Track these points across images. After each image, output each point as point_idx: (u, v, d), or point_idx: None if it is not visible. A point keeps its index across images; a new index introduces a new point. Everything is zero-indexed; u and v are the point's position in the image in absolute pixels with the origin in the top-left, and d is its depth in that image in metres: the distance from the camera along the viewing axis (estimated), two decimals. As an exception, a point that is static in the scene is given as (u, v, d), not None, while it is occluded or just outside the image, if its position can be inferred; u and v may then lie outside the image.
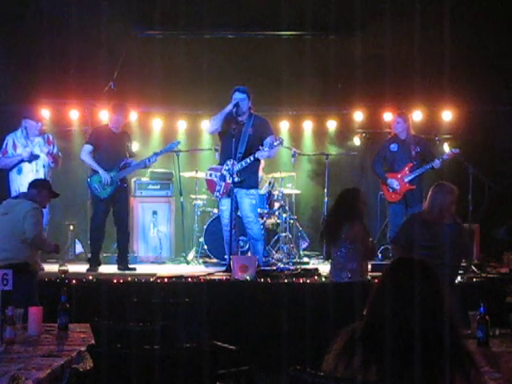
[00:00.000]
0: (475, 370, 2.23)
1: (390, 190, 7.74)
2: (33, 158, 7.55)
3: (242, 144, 7.05)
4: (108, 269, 7.45)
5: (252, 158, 7.02)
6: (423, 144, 7.87)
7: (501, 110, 9.34)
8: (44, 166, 7.64)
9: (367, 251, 5.85)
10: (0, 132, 8.10)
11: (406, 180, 7.69)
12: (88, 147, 7.49)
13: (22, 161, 7.53)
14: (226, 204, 7.23)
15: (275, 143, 7.00)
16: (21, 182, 7.46)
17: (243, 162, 7.02)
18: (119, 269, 7.42)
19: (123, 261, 7.50)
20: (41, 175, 7.53)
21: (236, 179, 7.01)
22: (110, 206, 7.47)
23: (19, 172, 7.53)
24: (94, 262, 7.40)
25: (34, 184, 5.91)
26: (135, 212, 8.77)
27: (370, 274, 6.09)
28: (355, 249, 5.70)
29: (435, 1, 8.57)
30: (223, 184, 7.21)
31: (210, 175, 7.35)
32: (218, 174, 7.23)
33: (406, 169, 7.73)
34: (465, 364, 2.21)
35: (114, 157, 7.44)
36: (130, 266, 7.49)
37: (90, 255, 7.62)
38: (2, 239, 5.55)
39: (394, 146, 7.82)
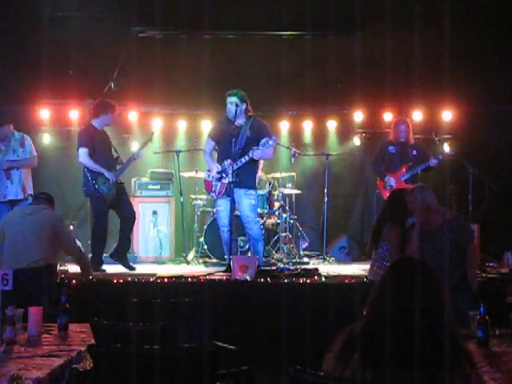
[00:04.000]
0: (474, 371, 2.23)
1: (387, 187, 7.85)
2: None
3: (239, 146, 7.07)
4: (108, 269, 7.43)
5: (247, 158, 7.04)
6: (419, 148, 8.06)
7: (501, 110, 9.34)
8: (18, 168, 7.60)
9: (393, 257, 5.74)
10: None
11: (403, 179, 7.80)
12: (85, 150, 7.33)
13: None
14: (222, 204, 7.25)
15: (269, 142, 7.01)
16: (6, 185, 7.52)
17: (238, 162, 7.04)
18: (116, 260, 7.44)
19: (125, 255, 7.48)
20: (18, 176, 7.57)
21: (231, 179, 7.03)
22: (110, 207, 7.45)
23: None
24: (100, 263, 7.38)
25: (50, 199, 5.98)
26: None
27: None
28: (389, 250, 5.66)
29: (435, 1, 8.57)
30: (219, 184, 7.23)
31: (208, 176, 7.37)
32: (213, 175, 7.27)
33: (403, 169, 7.86)
34: (464, 365, 2.21)
35: (109, 156, 7.44)
36: (132, 266, 7.49)
37: (91, 256, 7.56)
38: (28, 240, 5.55)
39: (392, 148, 8.02)
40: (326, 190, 8.68)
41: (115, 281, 6.42)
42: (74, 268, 7.14)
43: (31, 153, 7.75)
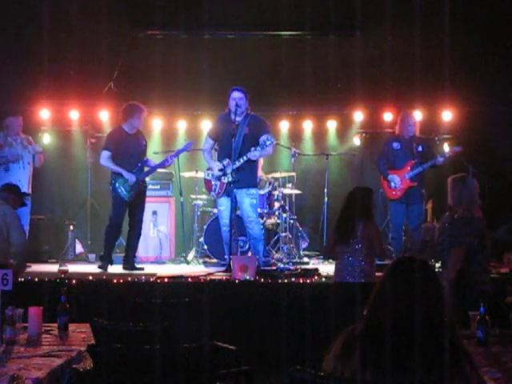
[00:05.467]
0: (474, 371, 2.23)
1: (392, 186, 7.71)
2: (18, 158, 7.78)
3: (237, 144, 7.05)
4: (110, 269, 7.43)
5: (245, 158, 7.02)
6: (425, 144, 7.88)
7: (501, 110, 9.34)
8: (29, 163, 7.91)
9: (381, 251, 5.88)
10: None
11: (407, 177, 7.68)
12: (106, 153, 7.40)
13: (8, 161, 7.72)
14: (224, 204, 7.23)
15: (267, 143, 7.00)
16: (10, 179, 7.59)
17: (237, 162, 7.03)
18: (125, 269, 7.41)
19: (130, 261, 7.50)
20: (27, 172, 7.84)
21: (230, 179, 7.03)
22: (128, 208, 7.47)
23: (6, 170, 7.69)
24: (108, 261, 7.40)
25: (8, 189, 5.97)
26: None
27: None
28: (369, 248, 5.69)
29: (435, 1, 8.57)
30: (218, 183, 7.23)
31: (208, 175, 7.37)
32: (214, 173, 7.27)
33: (408, 166, 7.71)
34: (464, 365, 2.21)
35: (134, 159, 7.43)
36: (138, 266, 7.51)
37: (101, 253, 7.57)
38: None
39: (396, 145, 7.81)
40: (326, 190, 8.69)
41: (115, 281, 6.41)
42: (73, 268, 7.17)
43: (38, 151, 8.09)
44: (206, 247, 8.19)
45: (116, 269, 7.42)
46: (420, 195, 7.77)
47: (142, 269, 7.43)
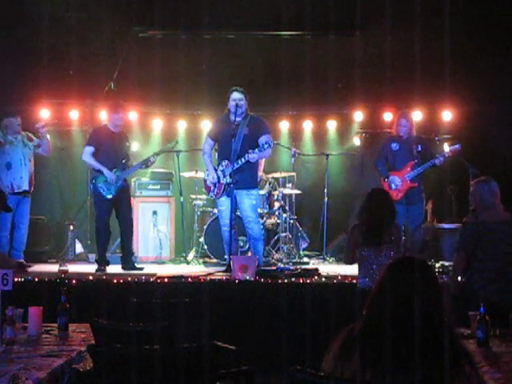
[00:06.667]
0: (474, 371, 2.24)
1: (392, 187, 7.67)
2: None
3: (236, 144, 7.05)
4: (111, 269, 7.43)
5: (243, 160, 7.02)
6: (424, 143, 7.84)
7: (501, 110, 9.33)
8: (30, 161, 7.88)
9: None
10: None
11: (408, 177, 7.65)
12: (89, 149, 7.48)
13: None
14: (224, 204, 7.23)
15: (265, 146, 7.00)
16: (12, 177, 7.71)
17: (235, 164, 7.03)
18: (124, 268, 7.41)
19: (129, 261, 7.50)
20: (28, 169, 7.80)
21: (229, 180, 7.03)
22: (113, 206, 7.48)
23: (8, 167, 7.69)
24: (103, 262, 7.40)
25: None
26: (135, 212, 8.72)
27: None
28: (397, 249, 5.54)
29: (435, 1, 8.57)
30: (217, 184, 7.23)
31: (207, 175, 7.37)
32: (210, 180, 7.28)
33: (408, 167, 7.67)
34: (464, 365, 2.21)
35: (116, 156, 7.45)
36: (138, 266, 7.51)
37: (95, 256, 7.58)
38: None
39: (395, 145, 7.76)
40: (326, 190, 8.68)
41: (115, 281, 6.41)
42: (73, 268, 7.17)
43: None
44: (206, 247, 8.19)
45: (116, 269, 7.42)
46: (420, 195, 7.75)
47: (142, 269, 7.43)
